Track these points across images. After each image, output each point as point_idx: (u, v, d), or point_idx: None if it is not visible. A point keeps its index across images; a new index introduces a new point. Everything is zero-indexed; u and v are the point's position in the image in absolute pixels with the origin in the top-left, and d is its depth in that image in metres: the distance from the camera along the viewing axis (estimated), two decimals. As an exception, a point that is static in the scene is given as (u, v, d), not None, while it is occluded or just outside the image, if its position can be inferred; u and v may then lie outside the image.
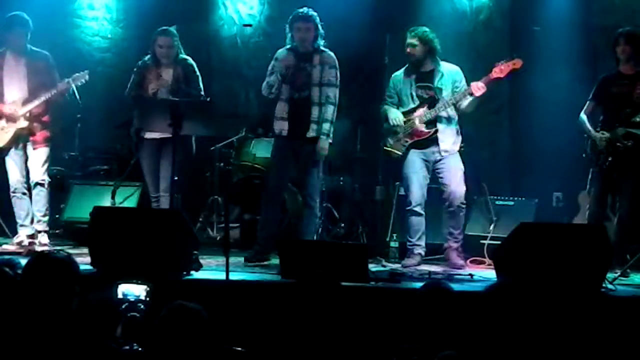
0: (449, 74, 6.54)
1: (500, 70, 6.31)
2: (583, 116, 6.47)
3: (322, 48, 6.48)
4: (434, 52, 6.55)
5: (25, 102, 6.75)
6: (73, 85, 6.69)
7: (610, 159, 6.27)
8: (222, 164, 7.74)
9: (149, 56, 6.62)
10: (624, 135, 6.22)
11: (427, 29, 6.56)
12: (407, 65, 6.65)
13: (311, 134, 6.43)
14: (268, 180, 6.68)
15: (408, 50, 6.54)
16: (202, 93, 6.56)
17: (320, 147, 6.44)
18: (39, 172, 6.82)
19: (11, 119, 6.74)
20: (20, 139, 6.80)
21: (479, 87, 6.30)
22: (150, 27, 6.99)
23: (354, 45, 7.77)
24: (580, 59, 7.63)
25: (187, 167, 6.53)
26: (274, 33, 6.83)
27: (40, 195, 6.85)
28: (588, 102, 6.48)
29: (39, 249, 6.66)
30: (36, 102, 6.72)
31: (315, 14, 6.43)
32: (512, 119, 8.03)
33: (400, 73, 6.70)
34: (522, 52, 6.53)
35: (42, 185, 6.85)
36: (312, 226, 6.55)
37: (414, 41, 6.51)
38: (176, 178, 6.20)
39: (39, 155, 6.83)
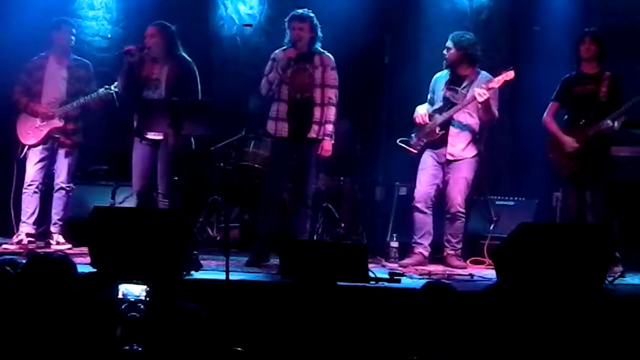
0: (479, 81, 6.54)
1: (497, 82, 6.38)
2: (548, 118, 6.49)
3: (320, 50, 6.48)
4: (471, 59, 6.58)
5: (62, 103, 6.87)
6: (114, 92, 6.74)
7: (581, 160, 6.28)
8: (222, 164, 7.73)
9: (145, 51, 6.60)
10: (594, 137, 6.22)
11: (467, 36, 6.60)
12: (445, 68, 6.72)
13: (312, 134, 6.43)
14: (267, 181, 6.66)
15: (444, 51, 6.62)
16: (199, 97, 6.53)
17: (325, 148, 6.46)
18: (66, 178, 7.00)
19: (46, 118, 6.84)
20: (51, 140, 6.90)
21: (480, 93, 6.32)
22: (150, 27, 6.98)
23: (354, 45, 7.77)
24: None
25: (186, 166, 6.52)
26: (274, 33, 6.82)
27: (62, 200, 7.03)
28: (550, 104, 6.51)
29: (56, 247, 6.83)
30: (74, 104, 6.86)
31: (312, 15, 6.43)
32: (512, 119, 8.02)
33: (441, 72, 6.75)
34: (522, 52, 6.55)
35: (67, 190, 7.00)
36: (307, 225, 6.53)
37: (449, 44, 6.58)
38: (176, 178, 6.21)
39: (69, 161, 7.00)
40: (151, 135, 6.55)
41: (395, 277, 5.73)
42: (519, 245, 5.32)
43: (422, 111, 6.72)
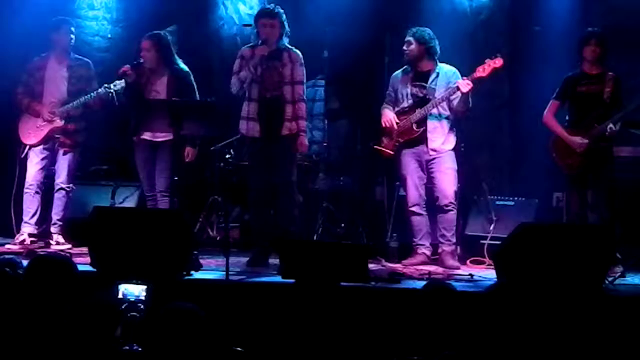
0: (445, 75, 6.58)
1: (482, 70, 6.36)
2: (550, 117, 6.49)
3: (288, 46, 6.44)
4: (432, 54, 6.59)
5: (63, 103, 6.87)
6: (113, 91, 6.73)
7: (583, 161, 6.28)
8: (222, 164, 7.73)
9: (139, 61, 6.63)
10: (597, 137, 6.22)
11: (426, 31, 6.61)
12: (406, 65, 6.70)
13: (285, 132, 6.38)
14: (250, 182, 6.59)
15: (404, 48, 6.62)
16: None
17: (302, 144, 6.43)
18: (66, 178, 6.98)
19: (48, 118, 6.83)
20: (51, 140, 6.90)
21: (465, 84, 6.33)
22: (150, 27, 6.98)
23: (354, 45, 7.76)
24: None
25: (184, 167, 6.53)
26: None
27: (62, 200, 7.02)
28: (552, 102, 6.50)
29: (56, 247, 6.81)
30: (75, 103, 6.85)
31: (281, 11, 6.37)
32: (512, 119, 8.02)
33: (399, 72, 6.77)
34: (522, 52, 6.52)
35: (66, 191, 6.99)
36: (293, 214, 6.49)
37: (409, 39, 6.58)
38: (176, 178, 6.22)
39: (68, 161, 6.99)
40: (148, 137, 6.57)
41: (395, 277, 5.73)
42: (519, 246, 5.32)
43: (390, 115, 6.70)
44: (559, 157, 6.44)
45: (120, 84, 6.76)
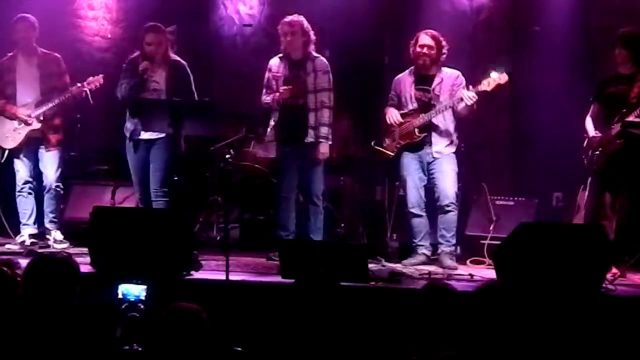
0: (449, 79, 6.56)
1: (487, 84, 6.34)
2: (588, 118, 6.49)
3: (314, 54, 6.57)
4: (441, 59, 6.57)
5: (38, 104, 6.82)
6: (87, 89, 6.72)
7: (604, 159, 6.27)
8: (222, 164, 7.73)
9: (137, 54, 6.59)
10: (616, 135, 6.21)
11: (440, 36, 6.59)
12: (411, 68, 6.67)
13: (309, 139, 6.56)
14: (278, 184, 6.82)
15: (424, 50, 6.52)
16: (195, 97, 6.54)
17: (321, 151, 6.57)
18: (54, 177, 6.93)
19: (25, 121, 6.79)
20: (31, 141, 6.86)
21: (470, 97, 6.31)
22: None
23: (354, 45, 7.77)
24: (580, 59, 7.62)
25: (179, 166, 6.53)
26: (274, 33, 6.82)
27: (54, 200, 6.97)
28: (592, 105, 6.49)
29: (56, 246, 6.79)
30: (50, 105, 6.80)
31: (302, 19, 6.49)
32: (512, 119, 8.03)
33: (402, 75, 6.73)
34: (522, 52, 6.51)
35: (57, 190, 6.96)
36: (319, 223, 6.66)
37: (432, 44, 6.50)
38: (176, 178, 6.22)
39: (52, 159, 6.92)
40: (145, 136, 6.56)
41: (395, 277, 5.73)
42: (518, 245, 5.32)
43: (394, 111, 6.69)
44: (586, 154, 6.40)
45: (94, 81, 6.74)
